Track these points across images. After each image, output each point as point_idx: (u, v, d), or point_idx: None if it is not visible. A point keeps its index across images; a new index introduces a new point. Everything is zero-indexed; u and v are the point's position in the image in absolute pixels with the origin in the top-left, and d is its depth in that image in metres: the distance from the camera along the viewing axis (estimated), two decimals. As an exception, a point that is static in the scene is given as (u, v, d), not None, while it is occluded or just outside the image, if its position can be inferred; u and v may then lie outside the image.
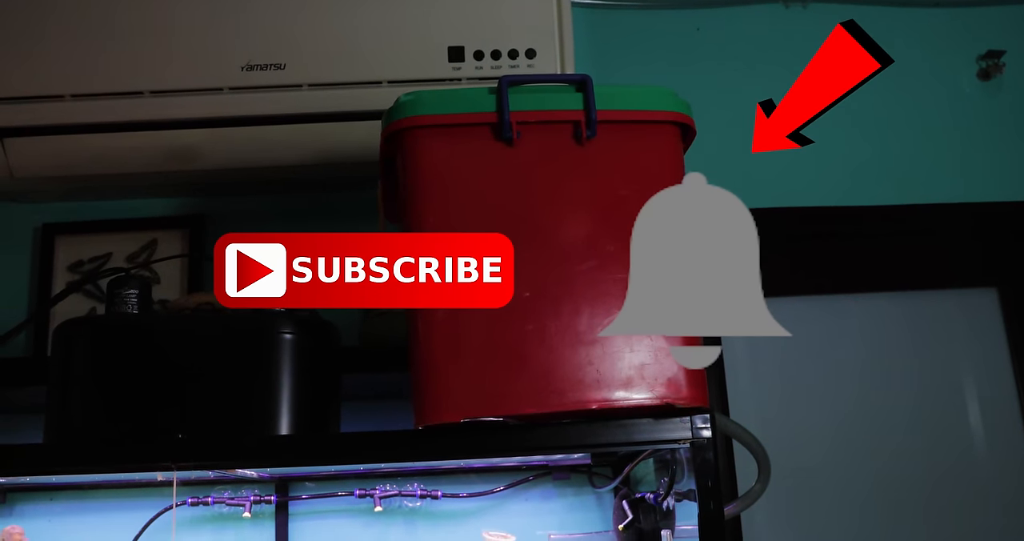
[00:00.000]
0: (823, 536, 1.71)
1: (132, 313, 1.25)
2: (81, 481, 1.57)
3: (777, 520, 1.70)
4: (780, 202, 1.81)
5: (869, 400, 1.78)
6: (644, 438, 1.13)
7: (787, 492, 1.69)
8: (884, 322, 1.83)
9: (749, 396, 1.76)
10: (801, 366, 1.80)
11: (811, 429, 1.76)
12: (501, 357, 1.08)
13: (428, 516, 1.60)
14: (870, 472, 1.75)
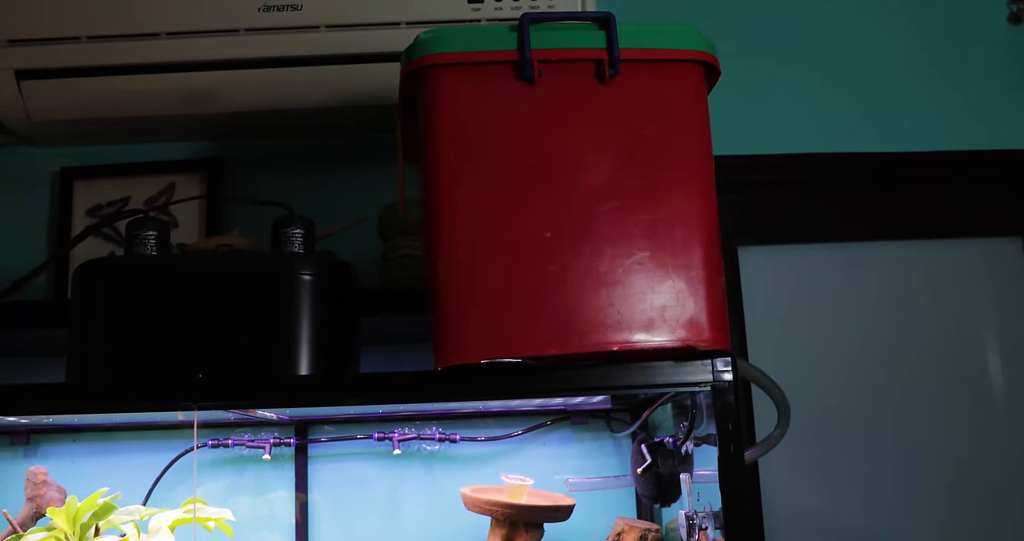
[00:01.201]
0: (841, 482, 1.71)
1: (151, 254, 1.25)
2: (103, 423, 1.58)
3: (795, 466, 1.70)
4: (802, 148, 1.78)
5: (889, 349, 1.77)
6: (665, 381, 1.13)
7: (805, 438, 1.69)
8: (906, 270, 1.81)
9: (768, 342, 1.75)
10: (821, 314, 1.78)
11: (830, 376, 1.75)
12: (522, 298, 1.07)
13: (446, 459, 1.61)
14: (889, 420, 1.74)
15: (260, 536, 1.59)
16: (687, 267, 1.10)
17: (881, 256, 1.81)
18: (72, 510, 1.27)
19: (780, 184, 1.82)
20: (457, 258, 1.09)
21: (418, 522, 1.60)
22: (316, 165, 1.75)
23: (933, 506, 1.71)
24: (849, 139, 1.81)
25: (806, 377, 1.74)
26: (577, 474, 1.58)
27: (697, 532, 1.23)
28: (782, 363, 1.72)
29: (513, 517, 1.40)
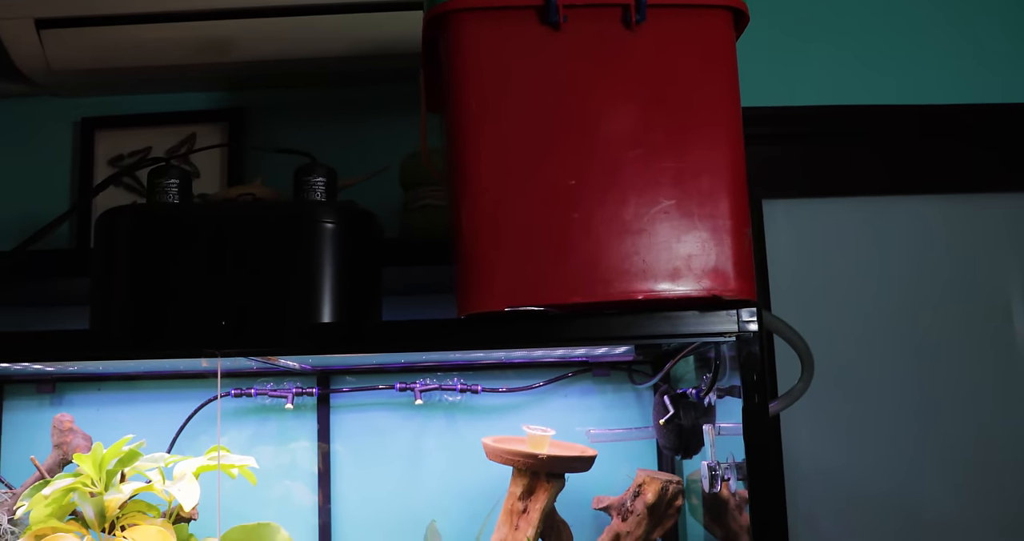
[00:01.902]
0: (861, 436, 1.71)
1: (173, 202, 1.25)
2: (127, 371, 1.59)
3: (816, 420, 1.69)
4: (828, 100, 1.76)
5: (913, 304, 1.75)
6: (689, 331, 1.12)
7: (826, 392, 1.68)
8: (930, 225, 1.78)
9: (791, 295, 1.74)
10: (845, 268, 1.76)
11: (852, 331, 1.74)
12: (546, 246, 1.06)
13: (468, 410, 1.62)
14: (911, 376, 1.73)
15: (283, 485, 1.60)
16: (713, 216, 1.09)
17: (905, 210, 1.79)
18: (98, 457, 1.28)
19: (805, 136, 1.80)
20: (481, 206, 1.08)
21: (439, 472, 1.61)
22: (337, 115, 1.73)
23: (953, 461, 1.70)
24: (875, 91, 1.78)
25: (828, 331, 1.73)
26: (598, 426, 1.58)
27: (719, 483, 1.22)
28: (804, 317, 1.70)
29: (535, 467, 1.40)
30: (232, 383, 1.60)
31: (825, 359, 1.52)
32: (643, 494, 1.43)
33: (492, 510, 1.45)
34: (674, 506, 1.45)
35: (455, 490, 1.60)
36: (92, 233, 1.59)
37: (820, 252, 1.77)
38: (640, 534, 1.44)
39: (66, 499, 1.27)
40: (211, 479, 1.30)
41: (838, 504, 1.68)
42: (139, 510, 1.29)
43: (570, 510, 1.46)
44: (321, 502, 1.60)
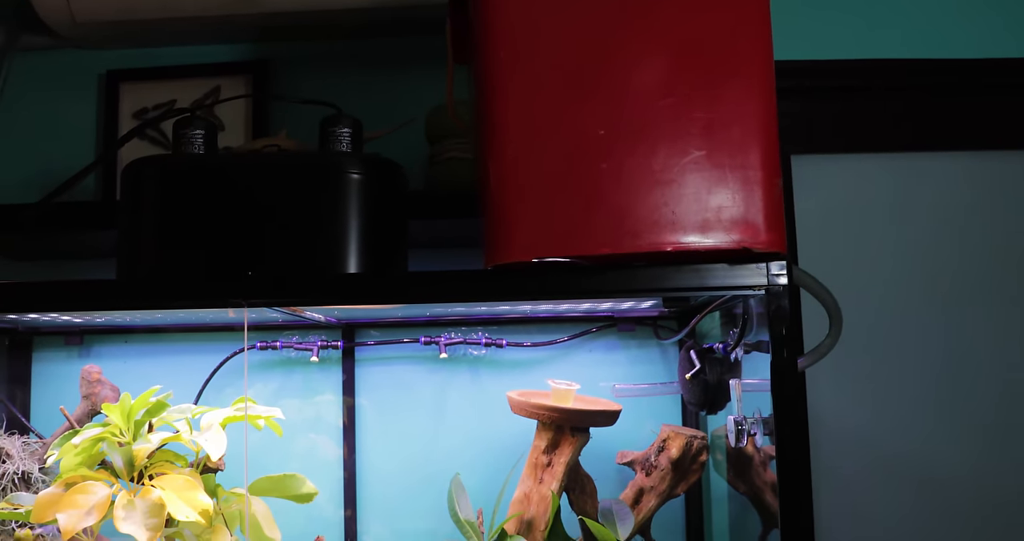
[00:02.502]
0: (886, 395, 1.70)
1: (199, 153, 1.24)
2: (154, 324, 1.60)
3: (840, 377, 1.68)
4: (859, 54, 1.72)
5: (942, 262, 1.73)
6: (718, 284, 1.11)
7: (851, 350, 1.67)
8: (962, 182, 1.75)
9: (819, 252, 1.71)
10: (874, 225, 1.74)
11: (879, 289, 1.72)
12: (574, 197, 1.05)
13: (492, 364, 1.62)
14: (938, 335, 1.71)
15: (307, 438, 1.61)
16: (744, 167, 1.07)
17: (935, 167, 1.76)
18: (126, 407, 1.29)
19: (836, 91, 1.76)
20: (509, 157, 1.07)
21: (464, 426, 1.61)
22: (363, 67, 1.72)
23: (974, 424, 1.69)
24: (909, 46, 1.74)
25: (854, 289, 1.71)
26: (623, 381, 1.58)
27: (745, 438, 1.22)
28: (831, 274, 1.67)
29: (559, 421, 1.40)
30: (257, 336, 1.60)
31: (851, 317, 1.49)
32: (667, 449, 1.43)
33: (516, 464, 1.45)
34: (698, 461, 1.45)
35: (479, 444, 1.60)
36: (118, 185, 1.59)
37: (848, 209, 1.75)
38: (664, 489, 1.44)
39: (95, 448, 1.28)
40: (236, 432, 1.31)
41: (860, 461, 1.67)
42: (167, 460, 1.30)
43: (594, 464, 1.46)
44: (346, 455, 1.61)
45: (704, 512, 1.60)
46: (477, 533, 1.39)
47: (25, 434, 1.51)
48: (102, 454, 1.29)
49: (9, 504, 1.28)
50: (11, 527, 1.40)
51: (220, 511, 1.32)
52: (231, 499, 1.35)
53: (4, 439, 1.44)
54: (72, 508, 1.17)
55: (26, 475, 1.41)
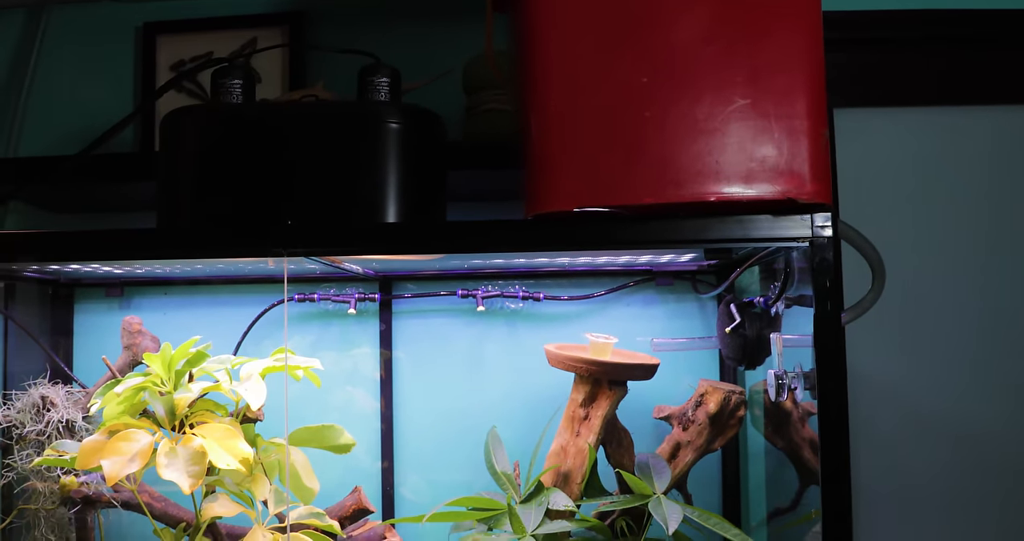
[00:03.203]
0: (924, 352, 1.67)
1: (237, 102, 1.24)
2: (193, 276, 1.61)
3: (878, 334, 1.65)
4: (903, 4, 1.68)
5: (984, 219, 1.69)
6: (761, 235, 1.09)
7: (890, 306, 1.63)
8: (1004, 136, 1.71)
9: (860, 207, 1.68)
10: (916, 179, 1.70)
11: (919, 244, 1.68)
12: (617, 146, 1.04)
13: (529, 318, 1.62)
14: (978, 294, 1.67)
15: (345, 391, 1.62)
16: (789, 116, 1.05)
17: (980, 121, 1.72)
18: (167, 357, 1.30)
19: (880, 42, 1.72)
20: (551, 105, 1.06)
21: (500, 379, 1.62)
22: (399, 18, 1.70)
23: (1007, 385, 1.66)
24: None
25: (895, 245, 1.67)
26: (660, 336, 1.57)
27: (786, 392, 1.21)
28: (872, 229, 1.65)
29: (597, 374, 1.40)
30: (295, 289, 1.61)
31: (890, 273, 1.48)
32: (705, 404, 1.43)
33: (553, 417, 1.45)
34: (736, 416, 1.44)
35: (516, 397, 1.61)
36: (156, 136, 1.59)
37: (889, 163, 1.71)
38: (701, 443, 1.44)
39: (137, 398, 1.29)
40: (274, 384, 1.31)
41: (895, 416, 1.65)
42: (207, 409, 1.31)
43: (631, 418, 1.46)
44: (383, 407, 1.61)
45: (740, 467, 1.59)
46: (513, 485, 1.39)
47: (68, 384, 1.54)
48: (144, 403, 1.30)
49: (55, 451, 1.30)
50: (57, 474, 1.42)
51: (259, 461, 1.33)
52: (270, 449, 1.36)
53: (48, 388, 1.46)
54: (116, 455, 1.18)
55: (70, 423, 1.44)
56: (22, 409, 1.44)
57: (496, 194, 1.47)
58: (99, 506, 1.43)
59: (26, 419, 1.43)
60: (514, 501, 1.37)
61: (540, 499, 1.36)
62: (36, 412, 1.44)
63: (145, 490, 1.43)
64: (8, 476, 1.44)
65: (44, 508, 1.44)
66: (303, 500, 1.36)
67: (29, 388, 1.45)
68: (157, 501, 1.42)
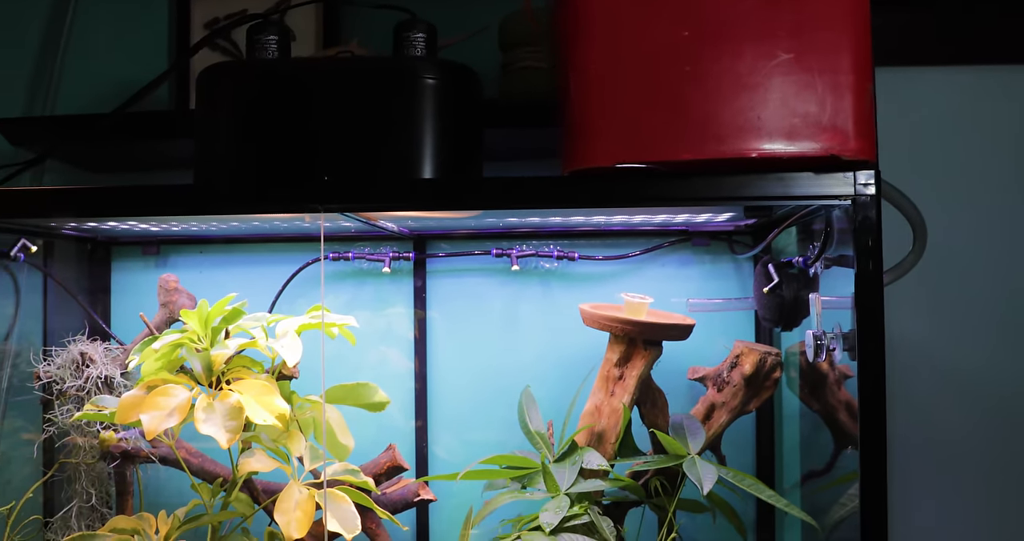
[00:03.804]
0: (961, 317, 1.64)
1: (273, 58, 1.23)
2: (229, 234, 1.61)
3: (914, 295, 1.63)
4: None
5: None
6: (803, 193, 1.07)
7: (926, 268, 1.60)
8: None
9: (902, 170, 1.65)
10: (959, 142, 1.66)
11: (957, 206, 1.64)
12: (657, 100, 1.02)
13: (564, 277, 1.61)
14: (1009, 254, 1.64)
15: (379, 350, 1.63)
16: (834, 71, 1.03)
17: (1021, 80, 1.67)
18: (203, 313, 1.31)
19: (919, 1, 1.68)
20: (591, 59, 1.04)
21: (534, 338, 1.61)
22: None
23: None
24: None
25: (936, 207, 1.64)
26: (696, 296, 1.56)
27: (824, 352, 1.20)
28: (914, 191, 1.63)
29: (632, 334, 1.39)
30: (330, 247, 1.61)
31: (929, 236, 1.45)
32: (740, 365, 1.42)
33: (587, 376, 1.45)
34: (771, 378, 1.43)
35: (550, 356, 1.60)
36: (191, 94, 1.59)
37: (935, 124, 1.68)
38: (735, 405, 1.43)
39: (174, 354, 1.30)
40: (308, 344, 1.31)
41: (928, 377, 1.63)
42: (243, 365, 1.32)
43: (665, 379, 1.45)
44: (417, 367, 1.62)
45: (775, 429, 1.59)
46: (547, 444, 1.40)
47: (106, 341, 1.55)
48: (181, 360, 1.31)
49: (94, 406, 1.31)
50: (96, 429, 1.44)
51: (294, 417, 1.34)
52: (305, 406, 1.37)
53: (87, 345, 1.47)
54: (154, 410, 1.19)
55: (108, 379, 1.45)
56: (62, 365, 1.46)
57: (532, 153, 1.46)
58: (138, 461, 1.45)
59: (66, 375, 1.45)
60: (548, 460, 1.37)
61: (574, 458, 1.36)
62: (75, 368, 1.45)
63: (183, 446, 1.44)
64: (49, 431, 1.46)
65: (84, 462, 1.46)
66: (338, 457, 1.37)
67: (68, 345, 1.47)
68: (194, 457, 1.44)
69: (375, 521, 1.44)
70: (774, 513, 1.58)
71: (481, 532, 1.43)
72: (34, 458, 1.51)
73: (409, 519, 1.59)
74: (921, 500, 1.62)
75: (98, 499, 1.48)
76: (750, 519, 1.58)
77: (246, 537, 1.39)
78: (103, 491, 1.49)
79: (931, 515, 1.62)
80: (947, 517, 1.62)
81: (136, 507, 1.46)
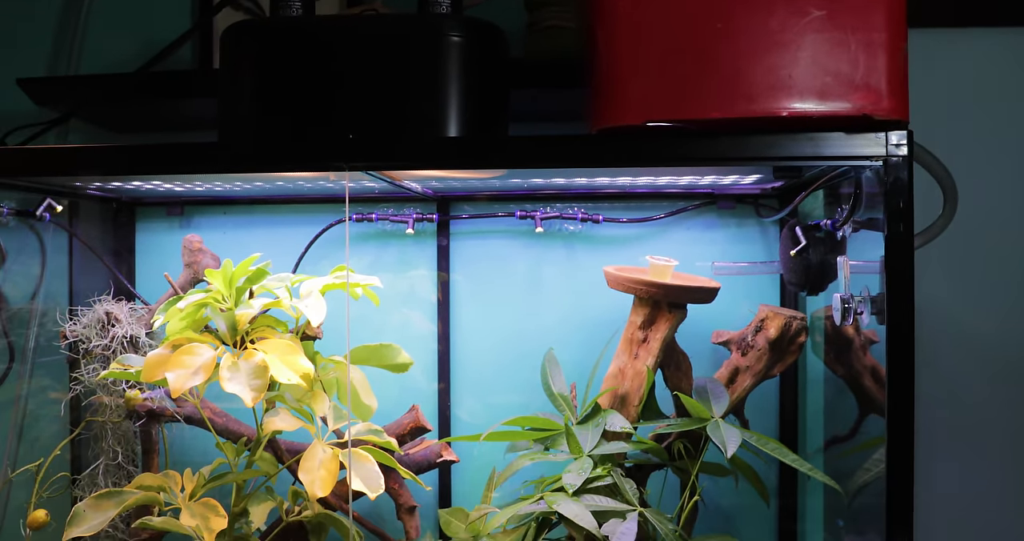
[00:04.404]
0: (991, 286, 1.62)
1: (297, 15, 1.22)
2: (253, 195, 1.61)
3: (941, 260, 1.60)
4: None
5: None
6: (833, 153, 1.06)
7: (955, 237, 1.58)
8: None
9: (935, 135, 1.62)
10: (994, 106, 1.63)
11: (995, 176, 1.62)
12: (687, 57, 1.01)
13: (588, 240, 1.60)
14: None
15: (402, 311, 1.63)
16: (867, 29, 1.01)
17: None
18: (228, 273, 1.31)
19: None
20: (620, 15, 1.03)
21: (558, 301, 1.61)
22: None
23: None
24: None
25: (967, 174, 1.62)
26: (721, 260, 1.54)
27: (852, 316, 1.18)
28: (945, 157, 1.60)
29: (657, 296, 1.38)
30: (353, 208, 1.61)
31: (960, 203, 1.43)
32: (765, 329, 1.41)
33: (611, 339, 1.44)
34: (796, 342, 1.42)
35: (573, 319, 1.60)
36: (214, 53, 1.58)
37: (969, 88, 1.64)
38: (760, 369, 1.42)
39: (199, 313, 1.30)
40: (331, 305, 1.31)
41: (952, 341, 1.61)
42: (268, 325, 1.32)
43: (689, 343, 1.45)
44: (440, 329, 1.62)
45: (799, 394, 1.58)
46: (570, 407, 1.40)
47: (131, 301, 1.56)
48: (206, 319, 1.31)
49: (120, 365, 1.32)
50: (122, 388, 1.45)
51: (318, 378, 1.34)
52: (329, 366, 1.37)
53: (112, 304, 1.48)
54: (180, 368, 1.20)
55: (134, 339, 1.46)
56: (87, 325, 1.47)
57: (559, 115, 1.45)
58: (163, 420, 1.47)
59: (91, 334, 1.46)
60: (571, 422, 1.37)
61: (597, 420, 1.36)
62: (101, 328, 1.46)
63: (207, 406, 1.45)
64: (76, 389, 1.47)
65: (110, 421, 1.47)
66: (361, 417, 1.38)
67: (94, 304, 1.48)
68: (219, 416, 1.45)
69: (398, 481, 1.45)
70: (796, 478, 1.58)
71: (503, 493, 1.43)
72: (61, 416, 1.53)
73: (431, 480, 1.60)
74: (944, 466, 1.61)
75: (124, 457, 1.49)
76: (772, 484, 1.58)
77: (270, 496, 1.41)
78: (129, 449, 1.50)
79: (954, 481, 1.61)
80: (970, 483, 1.61)
81: (161, 465, 1.48)
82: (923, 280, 1.58)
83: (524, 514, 1.29)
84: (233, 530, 1.34)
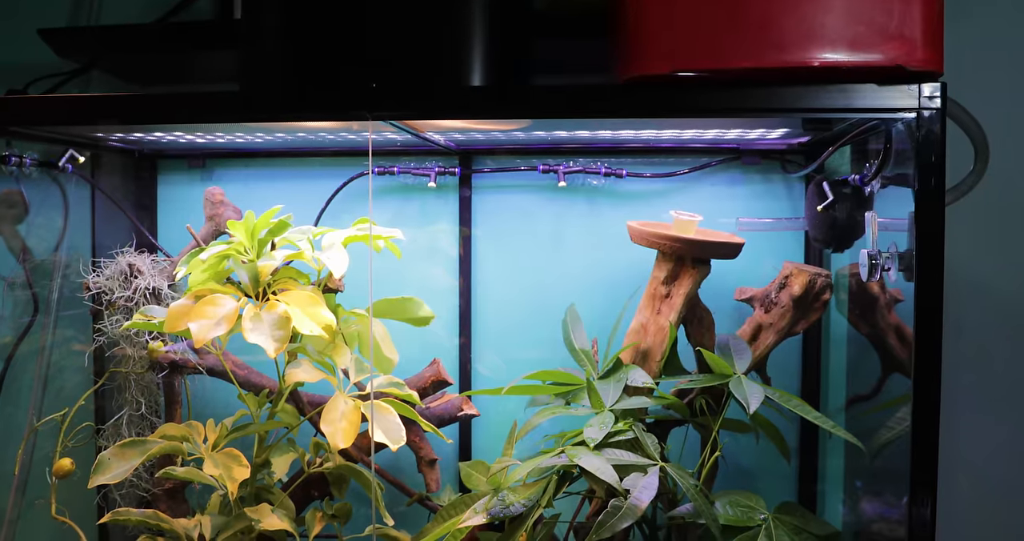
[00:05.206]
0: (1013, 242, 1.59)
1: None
2: (274, 147, 1.60)
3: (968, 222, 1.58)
4: None
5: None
6: (865, 105, 1.04)
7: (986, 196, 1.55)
8: None
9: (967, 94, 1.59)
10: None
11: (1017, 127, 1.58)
12: (718, 5, 0.98)
13: (611, 195, 1.58)
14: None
15: (423, 266, 1.62)
16: (903, -25, 0.99)
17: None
18: (250, 225, 1.30)
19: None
20: (647, -39, 1.00)
21: (580, 256, 1.60)
22: None
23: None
24: None
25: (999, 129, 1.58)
26: (745, 216, 1.53)
27: (879, 272, 1.17)
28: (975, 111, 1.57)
29: (680, 251, 1.37)
30: (375, 162, 1.60)
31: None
32: (789, 286, 1.40)
33: (633, 294, 1.43)
34: (820, 300, 1.41)
35: (595, 274, 1.59)
36: (235, 4, 1.56)
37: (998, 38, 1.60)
38: (783, 326, 1.41)
39: (221, 265, 1.30)
40: (352, 258, 1.31)
41: (979, 304, 1.59)
42: (290, 277, 1.32)
43: (712, 299, 1.44)
44: (461, 284, 1.61)
45: (822, 352, 1.57)
46: (591, 362, 1.39)
47: (153, 253, 1.56)
48: (228, 270, 1.31)
49: (143, 316, 1.32)
50: (145, 340, 1.46)
51: (340, 330, 1.34)
52: (350, 319, 1.37)
53: (135, 256, 1.48)
54: (202, 318, 1.20)
55: (156, 290, 1.46)
56: (110, 276, 1.47)
57: (583, 67, 1.42)
58: (185, 371, 1.47)
59: (114, 286, 1.46)
60: (592, 377, 1.37)
61: (619, 375, 1.35)
62: (124, 279, 1.46)
63: (229, 358, 1.46)
64: (99, 341, 1.48)
65: (134, 372, 1.48)
66: (382, 370, 1.38)
67: (116, 256, 1.48)
68: (240, 368, 1.46)
69: (419, 434, 1.46)
70: (817, 436, 1.58)
71: (524, 448, 1.44)
72: (85, 367, 1.54)
73: (452, 433, 1.60)
74: (968, 427, 1.60)
75: (147, 408, 1.50)
76: (793, 442, 1.58)
77: (292, 447, 1.42)
78: (152, 400, 1.51)
79: (978, 443, 1.60)
80: (994, 445, 1.60)
81: (184, 416, 1.49)
82: (951, 238, 1.56)
83: (545, 467, 1.29)
84: (255, 480, 1.35)
